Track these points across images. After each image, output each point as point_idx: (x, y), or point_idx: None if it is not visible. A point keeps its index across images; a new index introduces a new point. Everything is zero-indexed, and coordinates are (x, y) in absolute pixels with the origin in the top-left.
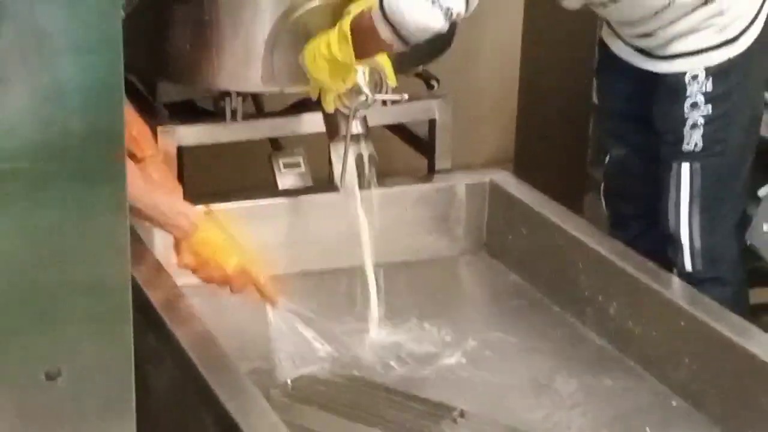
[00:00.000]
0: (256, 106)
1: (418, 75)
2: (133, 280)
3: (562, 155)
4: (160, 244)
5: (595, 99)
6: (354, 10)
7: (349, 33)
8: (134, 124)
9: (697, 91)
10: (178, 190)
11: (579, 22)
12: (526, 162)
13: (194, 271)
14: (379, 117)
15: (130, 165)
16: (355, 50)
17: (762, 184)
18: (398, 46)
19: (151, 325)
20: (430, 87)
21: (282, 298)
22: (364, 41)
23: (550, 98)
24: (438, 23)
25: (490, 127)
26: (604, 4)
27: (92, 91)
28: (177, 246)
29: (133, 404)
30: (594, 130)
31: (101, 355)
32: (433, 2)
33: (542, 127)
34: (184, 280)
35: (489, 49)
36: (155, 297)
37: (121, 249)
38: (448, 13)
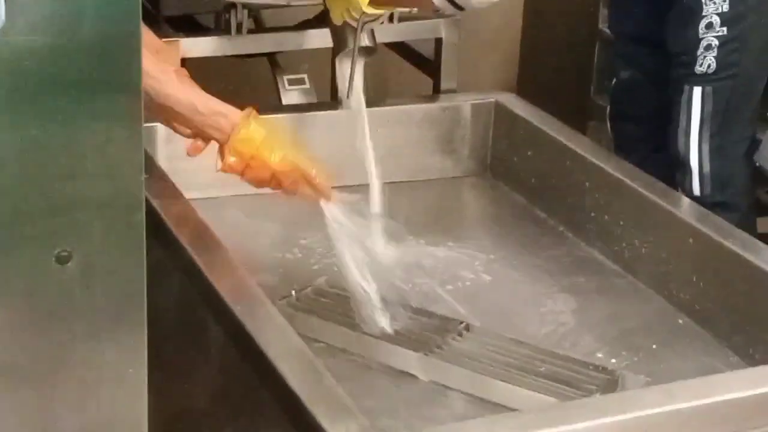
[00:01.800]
0: (257, 26)
1: None
2: None
3: (565, 83)
4: (164, 155)
5: (600, 25)
6: None
7: None
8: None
9: (713, 11)
10: None
11: None
12: (529, 90)
13: (241, 174)
14: (385, 35)
15: (165, 67)
16: (392, 2)
17: None
18: (450, 11)
19: (157, 235)
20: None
21: (336, 191)
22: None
23: (554, 25)
24: None
25: (492, 55)
26: None
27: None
28: (221, 150)
29: (144, 290)
30: (599, 57)
31: (113, 240)
32: None
33: (546, 55)
34: (192, 194)
35: None
36: (162, 207)
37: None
38: None
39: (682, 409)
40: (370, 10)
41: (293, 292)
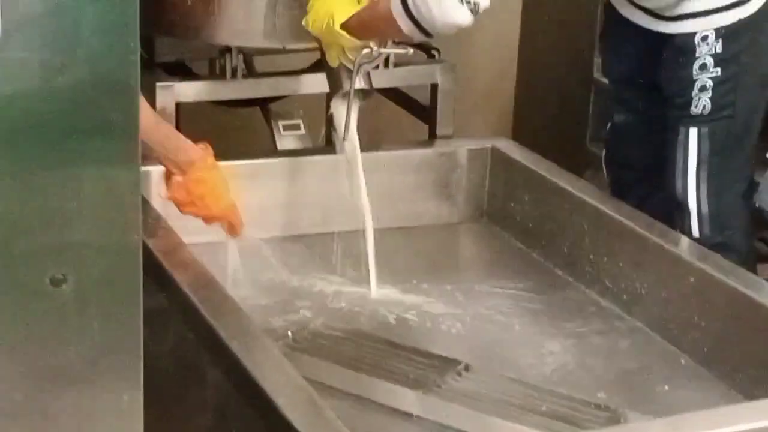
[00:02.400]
0: (249, 71)
1: (419, 46)
2: None
3: (561, 131)
4: (157, 200)
5: (595, 74)
6: None
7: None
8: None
9: (706, 52)
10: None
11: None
12: (525, 138)
13: (180, 205)
14: (380, 80)
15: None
16: (365, 33)
17: None
18: (418, 38)
19: (151, 273)
20: (430, 56)
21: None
22: (377, 28)
23: (549, 74)
24: (466, 20)
25: (487, 104)
26: None
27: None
28: (168, 179)
29: (140, 316)
30: (594, 105)
31: (108, 263)
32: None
33: (541, 104)
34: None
35: (488, 25)
36: (156, 247)
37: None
38: (475, 8)
39: None
40: (348, 41)
41: (290, 333)
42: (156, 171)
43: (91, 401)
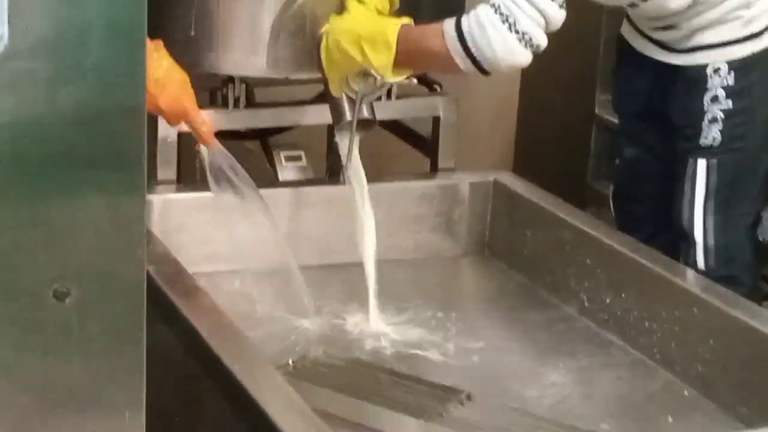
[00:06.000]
0: (249, 103)
1: (420, 79)
2: None
3: (562, 168)
4: (158, 230)
5: (597, 111)
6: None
7: (393, 45)
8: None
9: (718, 84)
10: None
11: (581, 35)
12: (526, 175)
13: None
14: (383, 112)
15: None
16: (411, 66)
17: None
18: (474, 74)
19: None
20: (432, 89)
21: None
22: (427, 64)
23: (551, 110)
24: (526, 60)
25: (488, 140)
26: (634, 5)
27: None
28: None
29: (143, 331)
30: (596, 142)
31: (112, 276)
32: (523, 42)
33: (542, 141)
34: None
35: None
36: (159, 274)
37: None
38: (537, 50)
39: None
40: (394, 79)
41: (290, 362)
42: (157, 200)
43: (93, 419)
